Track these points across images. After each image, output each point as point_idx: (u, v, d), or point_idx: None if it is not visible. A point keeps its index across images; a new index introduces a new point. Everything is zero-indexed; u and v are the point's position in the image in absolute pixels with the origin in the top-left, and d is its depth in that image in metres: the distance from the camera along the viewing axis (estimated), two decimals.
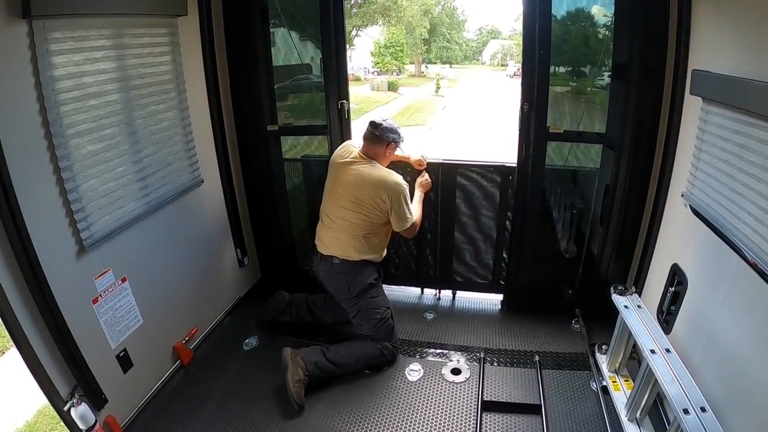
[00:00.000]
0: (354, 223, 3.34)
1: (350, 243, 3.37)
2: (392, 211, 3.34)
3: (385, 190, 3.28)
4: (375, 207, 3.30)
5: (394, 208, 3.32)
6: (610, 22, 3.40)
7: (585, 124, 3.67)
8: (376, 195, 3.28)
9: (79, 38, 2.46)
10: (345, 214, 3.35)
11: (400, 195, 3.31)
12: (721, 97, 2.39)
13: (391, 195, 3.29)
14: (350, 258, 3.38)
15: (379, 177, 3.32)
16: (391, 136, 3.42)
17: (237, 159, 4.02)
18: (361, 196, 3.29)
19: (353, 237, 3.36)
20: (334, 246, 3.41)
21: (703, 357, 2.48)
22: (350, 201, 3.32)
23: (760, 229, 2.05)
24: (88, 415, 2.50)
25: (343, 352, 3.34)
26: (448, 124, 22.15)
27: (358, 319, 3.46)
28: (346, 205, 3.33)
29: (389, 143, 3.43)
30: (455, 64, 55.00)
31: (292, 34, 3.96)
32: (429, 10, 44.40)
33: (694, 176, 2.67)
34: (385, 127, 3.40)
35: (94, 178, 2.60)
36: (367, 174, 3.32)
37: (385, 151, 3.44)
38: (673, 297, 2.84)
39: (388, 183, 3.30)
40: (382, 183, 3.30)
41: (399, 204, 3.32)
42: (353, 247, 3.37)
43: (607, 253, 3.72)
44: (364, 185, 3.30)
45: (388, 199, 3.29)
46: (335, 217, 3.39)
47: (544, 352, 3.52)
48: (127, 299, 2.89)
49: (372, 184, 3.29)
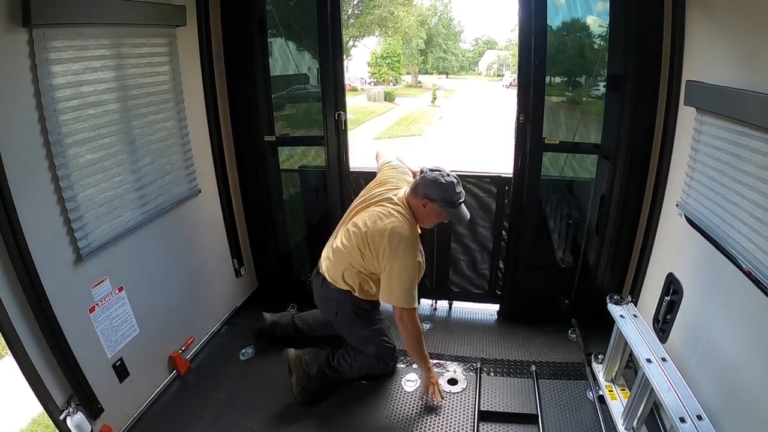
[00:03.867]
0: (350, 255, 3.00)
1: (340, 270, 3.07)
2: (383, 272, 2.90)
3: (389, 247, 2.84)
4: (370, 256, 2.94)
5: (386, 269, 2.88)
6: (605, 33, 3.43)
7: (581, 135, 3.69)
8: (376, 243, 2.87)
9: (79, 47, 2.47)
10: (347, 239, 3.02)
11: (403, 262, 2.85)
12: (715, 107, 2.41)
13: (392, 256, 2.84)
14: (337, 285, 3.10)
15: (382, 228, 2.87)
16: (427, 193, 2.88)
17: (234, 169, 4.02)
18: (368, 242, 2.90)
19: (347, 266, 3.05)
20: (326, 264, 3.17)
21: (699, 365, 2.49)
22: (357, 243, 2.95)
23: (755, 238, 2.06)
24: (83, 424, 2.49)
25: (346, 365, 3.24)
26: (444, 134, 22.22)
27: (354, 342, 3.30)
28: (350, 231, 3.01)
29: (424, 201, 2.91)
30: (451, 74, 55.28)
31: (289, 44, 3.99)
32: (425, 20, 44.58)
33: (689, 186, 2.68)
34: (428, 178, 2.88)
35: (92, 187, 2.60)
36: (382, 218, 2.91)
37: (420, 208, 2.94)
38: (669, 306, 2.84)
39: (397, 241, 2.84)
40: (389, 236, 2.84)
41: (392, 269, 2.86)
42: (341, 276, 3.07)
43: (603, 263, 3.73)
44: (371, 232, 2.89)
45: (382, 254, 2.86)
46: (340, 234, 3.12)
47: (541, 361, 3.52)
48: (124, 308, 2.88)
49: (375, 232, 2.88)
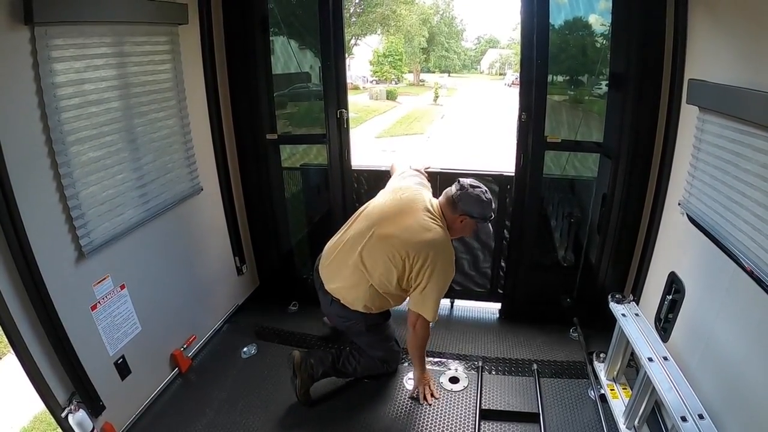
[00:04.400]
0: (375, 273, 2.84)
1: (358, 294, 2.93)
2: (420, 285, 2.80)
3: (432, 260, 2.76)
4: (407, 268, 2.79)
5: (424, 282, 2.78)
6: (607, 31, 3.42)
7: (583, 134, 3.68)
8: (421, 256, 2.76)
9: (81, 45, 2.47)
10: (374, 254, 2.85)
11: (441, 277, 2.80)
12: (718, 106, 2.40)
13: (434, 269, 2.76)
14: (351, 306, 2.97)
15: (433, 240, 2.78)
16: (468, 209, 2.85)
17: (236, 167, 4.02)
18: (408, 256, 2.77)
19: (367, 288, 2.90)
20: (337, 285, 2.98)
21: (700, 364, 2.49)
22: (391, 243, 2.81)
23: (757, 237, 2.06)
24: (85, 421, 2.50)
25: (350, 367, 3.19)
26: (446, 133, 22.21)
27: (362, 345, 3.23)
28: (381, 243, 2.84)
29: (463, 216, 2.88)
30: (454, 73, 55.26)
31: (291, 42, 3.98)
32: (428, 19, 44.59)
33: (691, 185, 2.68)
34: (470, 194, 2.84)
35: (94, 185, 2.60)
36: (422, 229, 2.81)
37: (455, 221, 2.91)
38: (671, 305, 2.84)
39: (440, 258, 2.78)
40: (433, 248, 2.77)
41: (431, 284, 2.78)
42: (358, 299, 2.94)
43: (605, 262, 3.72)
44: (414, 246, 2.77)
45: (425, 268, 2.75)
46: (360, 249, 2.88)
47: (543, 360, 3.52)
48: (126, 306, 2.88)
49: (421, 245, 2.77)
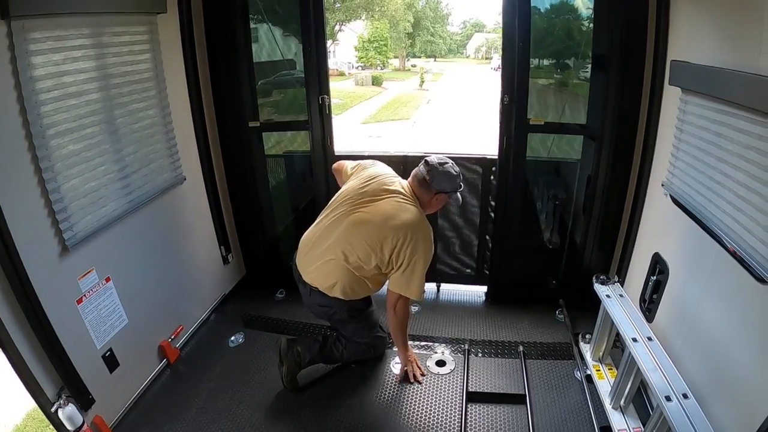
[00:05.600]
0: (352, 260, 2.83)
1: (334, 280, 2.91)
2: (402, 266, 2.81)
3: (413, 242, 2.77)
4: (386, 251, 2.79)
5: (406, 263, 2.80)
6: (592, 14, 3.42)
7: (567, 116, 3.69)
8: (399, 238, 2.76)
9: (59, 38, 2.44)
10: (349, 242, 2.84)
11: (423, 257, 2.82)
12: (700, 87, 2.42)
13: (415, 250, 2.78)
14: (329, 294, 2.95)
15: (414, 225, 2.80)
16: (441, 187, 2.88)
17: (219, 156, 4.00)
18: (385, 241, 2.77)
19: (343, 275, 2.88)
20: (313, 276, 2.96)
21: (684, 344, 2.52)
22: (367, 241, 2.80)
23: (739, 217, 2.08)
24: (75, 415, 2.49)
25: (337, 353, 3.18)
26: (432, 118, 22.18)
27: (348, 333, 3.20)
28: (354, 231, 2.84)
29: (437, 194, 2.92)
30: (439, 57, 55.14)
31: (274, 30, 3.94)
32: (413, 3, 44.40)
33: (674, 166, 2.70)
34: (440, 172, 2.85)
35: (75, 178, 2.58)
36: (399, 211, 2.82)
37: (431, 200, 2.94)
38: (655, 286, 2.87)
39: (419, 239, 2.79)
40: (414, 234, 2.77)
41: (414, 264, 2.80)
42: (335, 286, 2.92)
43: (590, 244, 3.76)
44: (393, 226, 2.78)
45: (405, 249, 2.77)
46: (333, 240, 2.88)
47: (529, 342, 3.55)
48: (112, 299, 2.87)
49: (398, 227, 2.77)
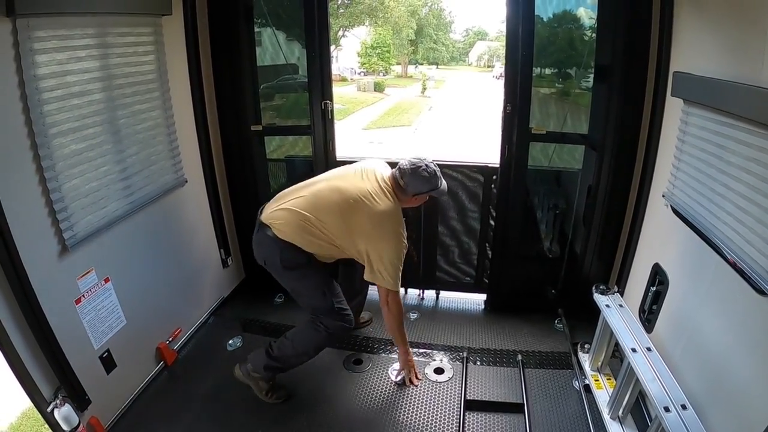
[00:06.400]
0: (323, 229, 2.83)
1: (298, 232, 2.82)
2: (371, 253, 2.85)
3: (380, 231, 2.83)
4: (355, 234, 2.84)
5: (375, 250, 2.85)
6: (595, 24, 3.43)
7: (568, 126, 3.70)
8: (368, 227, 2.82)
9: (63, 37, 2.45)
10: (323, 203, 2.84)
11: (394, 249, 2.86)
12: (702, 98, 2.42)
13: (383, 238, 2.84)
14: (280, 236, 2.83)
15: (383, 212, 2.82)
16: (417, 190, 2.91)
17: (221, 159, 4.01)
18: (356, 216, 2.81)
19: (307, 231, 2.82)
20: (274, 217, 2.87)
21: (683, 355, 2.51)
22: (338, 211, 2.81)
23: (740, 228, 2.08)
24: (71, 416, 2.49)
25: (288, 346, 3.03)
26: (433, 125, 22.20)
27: (294, 295, 3.08)
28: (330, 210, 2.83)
29: (415, 195, 2.95)
30: (442, 65, 55.07)
31: (278, 34, 3.95)
32: (416, 11, 44.36)
33: (675, 177, 2.70)
34: (414, 176, 2.87)
35: (76, 178, 2.58)
36: (375, 200, 2.83)
37: (410, 199, 2.98)
38: (655, 296, 2.86)
39: (387, 226, 2.84)
40: (381, 220, 2.82)
41: (382, 251, 2.85)
42: (298, 237, 2.82)
43: (590, 253, 3.75)
44: (367, 210, 2.81)
45: (374, 240, 2.84)
46: (304, 207, 2.85)
47: (527, 351, 3.54)
48: (110, 300, 2.87)
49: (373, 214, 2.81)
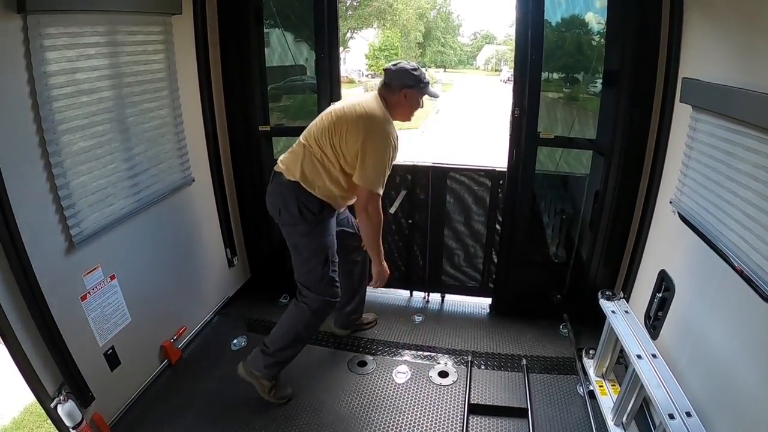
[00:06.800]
0: (318, 146, 2.85)
1: (299, 159, 2.88)
2: (360, 152, 2.77)
3: (365, 127, 2.78)
4: (344, 138, 2.79)
5: (366, 152, 2.77)
6: (603, 29, 3.42)
7: (576, 130, 3.68)
8: (354, 126, 2.78)
9: (74, 34, 2.46)
10: (314, 134, 2.87)
11: (380, 144, 2.79)
12: (711, 105, 2.41)
13: (370, 137, 2.77)
14: (288, 176, 2.87)
15: (367, 112, 2.82)
16: (401, 82, 2.87)
17: (228, 158, 4.01)
18: (340, 120, 2.81)
19: (308, 155, 2.87)
20: (284, 158, 2.96)
21: (689, 362, 2.50)
22: (327, 124, 2.84)
23: (747, 236, 2.07)
24: (74, 412, 2.49)
25: (279, 336, 3.02)
26: (440, 127, 22.18)
27: (293, 257, 3.04)
28: (320, 127, 2.87)
29: (402, 89, 2.89)
30: (449, 68, 55.18)
31: (286, 35, 3.96)
32: (424, 14, 44.54)
33: (683, 183, 2.69)
34: (396, 70, 2.88)
35: (84, 175, 2.59)
36: (360, 103, 2.86)
37: (401, 100, 2.91)
38: (661, 303, 2.86)
39: (373, 122, 2.80)
40: (366, 118, 2.80)
41: (374, 151, 2.77)
42: (298, 165, 2.86)
43: (596, 259, 3.74)
44: (349, 112, 2.82)
45: (360, 137, 2.76)
46: (303, 136, 2.95)
47: (532, 356, 3.53)
48: (116, 297, 2.87)
49: (356, 114, 2.81)
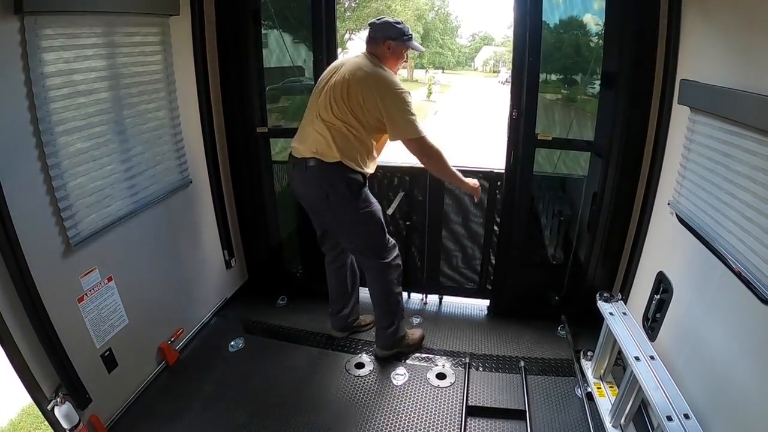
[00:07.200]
0: (341, 120, 2.90)
1: (329, 139, 2.90)
2: (386, 114, 2.87)
3: (375, 87, 2.86)
4: (362, 106, 2.87)
5: (388, 110, 2.86)
6: (601, 31, 3.42)
7: (574, 132, 3.68)
8: (366, 90, 2.85)
9: (71, 35, 2.45)
10: (331, 110, 2.91)
11: (394, 95, 2.87)
12: (709, 106, 2.41)
13: (383, 93, 2.85)
14: (326, 159, 2.90)
15: (368, 72, 2.89)
16: (385, 35, 2.97)
17: (226, 160, 4.00)
18: (350, 90, 2.86)
19: (336, 132, 2.90)
20: (309, 142, 2.95)
21: (687, 364, 2.50)
22: (339, 96, 2.88)
23: (745, 238, 2.07)
24: (71, 414, 2.49)
25: (382, 309, 3.38)
26: (439, 129, 22.17)
27: (348, 236, 3.20)
28: (333, 101, 2.90)
29: (386, 41, 2.97)
30: (448, 69, 55.13)
31: (284, 36, 3.95)
32: (422, 15, 44.43)
33: (681, 185, 2.69)
34: (379, 24, 2.99)
35: (82, 176, 2.58)
36: (357, 67, 2.92)
37: (385, 52, 3.00)
38: (659, 304, 2.85)
39: (378, 79, 2.88)
40: (371, 78, 2.88)
41: (394, 105, 2.86)
42: (333, 145, 2.89)
43: (594, 260, 3.73)
44: (354, 79, 2.87)
45: (376, 98, 2.84)
46: (318, 115, 2.95)
47: (530, 357, 3.52)
48: (113, 298, 2.87)
49: (360, 78, 2.87)
